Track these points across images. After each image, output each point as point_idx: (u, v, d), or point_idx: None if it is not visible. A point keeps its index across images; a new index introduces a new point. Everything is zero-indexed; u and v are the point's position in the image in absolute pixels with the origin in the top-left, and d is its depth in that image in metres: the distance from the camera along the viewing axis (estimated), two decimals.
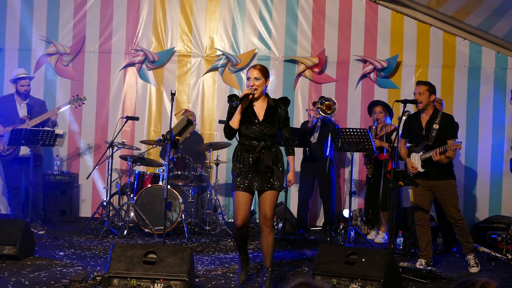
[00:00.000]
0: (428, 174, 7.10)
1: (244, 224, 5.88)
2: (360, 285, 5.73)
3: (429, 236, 7.26)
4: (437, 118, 7.06)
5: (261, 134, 5.84)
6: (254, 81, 5.84)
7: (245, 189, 5.85)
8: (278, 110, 5.93)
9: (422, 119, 7.17)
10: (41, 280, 6.06)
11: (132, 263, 5.62)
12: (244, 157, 5.85)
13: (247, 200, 5.89)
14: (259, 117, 5.86)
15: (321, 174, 9.28)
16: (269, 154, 5.84)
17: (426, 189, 7.15)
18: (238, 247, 6.18)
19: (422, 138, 7.12)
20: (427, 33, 10.31)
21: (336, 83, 10.40)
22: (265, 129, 5.84)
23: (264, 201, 5.90)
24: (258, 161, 5.80)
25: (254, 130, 5.83)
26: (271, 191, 5.87)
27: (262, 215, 5.92)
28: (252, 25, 10.44)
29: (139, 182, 9.13)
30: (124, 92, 10.46)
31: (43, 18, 10.41)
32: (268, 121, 5.87)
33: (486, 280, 2.54)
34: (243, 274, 6.15)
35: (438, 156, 6.90)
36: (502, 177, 10.18)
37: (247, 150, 5.85)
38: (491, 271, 7.21)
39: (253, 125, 5.84)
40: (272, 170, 5.84)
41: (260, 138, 5.84)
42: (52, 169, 10.02)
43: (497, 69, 10.21)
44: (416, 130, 7.21)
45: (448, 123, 7.09)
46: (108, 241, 8.30)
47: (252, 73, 5.87)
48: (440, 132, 6.98)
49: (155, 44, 10.46)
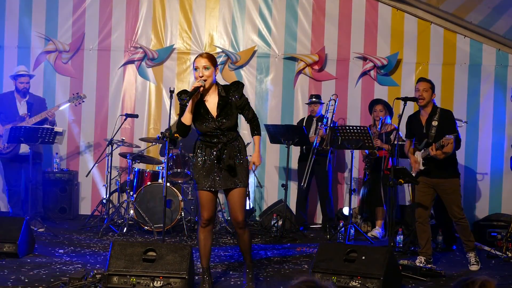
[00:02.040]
0: (431, 172, 7.08)
1: (209, 219, 5.67)
2: (360, 283, 5.73)
3: (429, 234, 7.25)
4: (436, 115, 7.06)
5: (218, 129, 5.54)
6: (204, 70, 5.46)
7: (209, 189, 5.62)
8: (231, 99, 5.60)
9: (422, 117, 7.17)
10: (41, 277, 6.06)
11: (132, 260, 5.61)
12: (205, 153, 5.60)
13: (211, 199, 5.66)
14: (212, 113, 5.53)
15: (319, 171, 9.28)
16: (230, 151, 5.56)
17: (428, 186, 7.14)
18: (202, 251, 5.77)
19: (423, 136, 7.11)
20: (427, 31, 10.29)
21: (336, 81, 10.38)
22: (222, 125, 5.54)
23: (232, 203, 5.67)
24: (219, 159, 5.54)
25: (210, 127, 5.53)
26: (237, 190, 5.62)
27: (233, 218, 5.69)
28: (252, 23, 10.43)
29: (139, 180, 9.12)
30: (124, 90, 10.45)
31: (42, 16, 10.40)
32: (223, 115, 5.54)
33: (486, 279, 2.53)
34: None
35: (434, 151, 6.89)
36: (502, 175, 10.17)
37: (208, 146, 5.60)
38: (491, 269, 7.20)
39: (208, 122, 5.53)
40: (234, 168, 5.57)
41: (218, 134, 5.56)
42: (52, 167, 10.01)
43: (498, 67, 10.20)
44: (417, 128, 7.21)
45: (447, 118, 7.07)
46: (107, 238, 8.29)
47: (200, 62, 5.48)
48: (440, 129, 6.96)
49: (154, 42, 10.45)
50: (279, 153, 10.27)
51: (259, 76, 10.39)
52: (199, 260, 5.90)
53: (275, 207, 9.59)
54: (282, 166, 10.20)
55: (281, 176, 10.25)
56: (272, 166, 10.36)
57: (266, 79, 10.40)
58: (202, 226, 5.72)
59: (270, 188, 10.35)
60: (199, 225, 5.81)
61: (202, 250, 5.78)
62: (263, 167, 10.30)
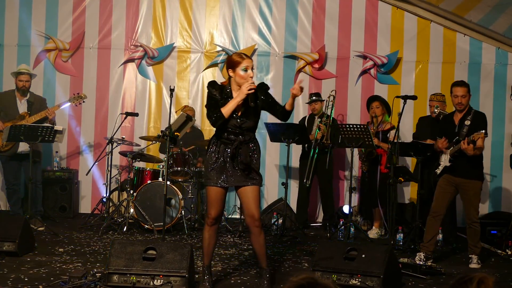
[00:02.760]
0: (456, 170, 7.07)
1: (217, 218, 5.66)
2: (360, 281, 5.74)
3: (437, 231, 7.27)
4: (470, 115, 7.07)
5: (239, 128, 5.56)
6: (252, 72, 5.57)
7: (220, 185, 5.59)
8: (257, 101, 5.61)
9: (455, 117, 7.18)
10: (41, 276, 6.06)
11: (132, 259, 5.62)
12: (220, 149, 5.58)
13: (220, 196, 5.64)
14: (238, 111, 5.55)
15: (320, 170, 9.29)
16: (246, 150, 5.56)
17: (451, 185, 7.13)
18: (205, 249, 5.75)
19: (454, 135, 7.09)
20: (427, 29, 10.30)
21: (336, 79, 10.39)
22: (243, 123, 5.56)
23: (247, 199, 5.60)
24: (234, 157, 5.53)
25: (231, 124, 5.53)
26: (252, 187, 5.60)
27: (249, 215, 5.60)
28: (252, 21, 10.43)
29: (139, 178, 9.13)
30: (124, 88, 10.45)
31: (42, 14, 10.40)
32: (246, 115, 5.57)
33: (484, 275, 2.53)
34: None
35: (465, 145, 6.85)
36: (502, 173, 10.18)
37: (223, 143, 5.58)
38: (490, 267, 7.21)
39: (231, 119, 5.52)
40: (249, 167, 5.56)
41: (237, 133, 5.57)
42: (52, 165, 10.01)
43: (498, 65, 10.21)
44: (450, 128, 7.20)
45: (479, 119, 7.07)
46: (107, 237, 8.29)
47: (250, 63, 5.55)
48: (472, 128, 6.95)
49: (154, 40, 10.45)
50: (279, 152, 10.28)
51: (259, 74, 10.38)
52: (199, 258, 5.90)
53: (275, 206, 9.60)
54: (282, 165, 10.20)
55: (281, 174, 10.25)
56: (272, 164, 10.37)
57: (267, 77, 10.39)
58: (208, 225, 5.67)
59: (270, 187, 10.35)
60: (204, 223, 5.77)
61: (206, 249, 5.74)
62: (263, 166, 10.27)
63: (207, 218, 5.68)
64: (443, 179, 7.19)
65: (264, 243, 5.68)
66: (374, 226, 9.08)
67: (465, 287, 2.52)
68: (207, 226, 5.68)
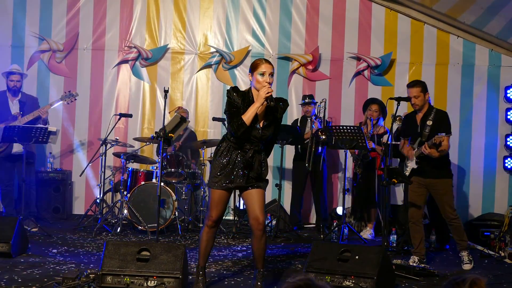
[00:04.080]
0: (424, 171, 7.10)
1: (217, 221, 5.60)
2: (353, 282, 5.74)
3: (422, 234, 7.26)
4: (431, 115, 7.08)
5: (258, 138, 5.46)
6: (270, 77, 5.40)
7: (226, 188, 5.51)
8: (276, 114, 5.53)
9: (417, 117, 7.20)
10: (34, 277, 6.04)
11: (126, 260, 5.61)
12: (232, 155, 5.47)
13: (224, 199, 5.56)
14: (260, 121, 5.46)
15: (314, 171, 9.30)
16: (259, 159, 5.51)
17: (422, 186, 7.16)
18: (202, 250, 5.69)
19: (417, 135, 7.13)
20: (421, 31, 10.32)
21: (329, 81, 10.41)
22: (263, 135, 5.48)
23: (252, 201, 5.53)
24: (249, 166, 5.46)
25: (253, 134, 5.42)
26: (257, 190, 5.53)
27: (254, 218, 5.52)
28: (246, 22, 10.44)
29: (133, 180, 9.12)
30: (118, 89, 10.45)
31: (36, 15, 10.38)
32: (267, 126, 5.49)
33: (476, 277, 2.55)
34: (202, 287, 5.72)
35: (428, 150, 6.90)
36: (495, 174, 10.21)
37: (236, 149, 5.48)
38: (484, 268, 7.22)
39: (253, 129, 5.40)
40: (260, 176, 5.53)
41: (255, 142, 5.48)
42: (45, 166, 9.99)
43: (491, 67, 10.24)
44: (412, 128, 7.23)
45: (441, 119, 7.09)
46: (101, 238, 8.28)
47: (268, 68, 5.39)
48: (434, 128, 6.98)
49: (148, 41, 10.45)
50: (273, 153, 10.25)
51: None
52: (193, 260, 5.89)
53: (269, 207, 9.59)
54: (276, 166, 10.21)
55: (275, 176, 10.25)
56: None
57: None
58: (208, 226, 5.60)
59: None
60: (204, 224, 5.70)
61: (203, 250, 5.69)
62: None
63: (208, 220, 5.60)
64: (413, 182, 7.19)
65: (265, 246, 5.64)
66: (368, 227, 9.10)
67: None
68: (207, 228, 5.61)
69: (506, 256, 7.75)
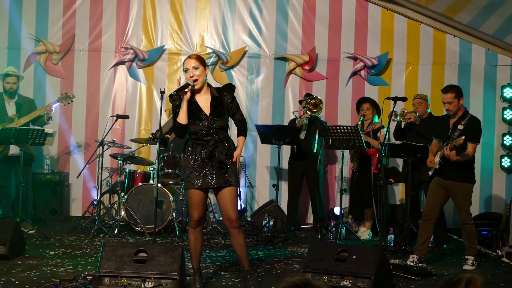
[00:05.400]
0: (445, 172, 7.09)
1: (199, 220, 5.69)
2: (351, 282, 5.74)
3: (430, 233, 7.26)
4: (464, 120, 7.04)
5: (211, 128, 5.59)
6: (194, 70, 5.54)
7: (200, 187, 5.60)
8: (224, 99, 5.68)
9: (451, 121, 7.16)
10: (32, 279, 6.04)
11: (123, 262, 5.60)
12: (197, 151, 5.61)
13: (202, 199, 5.66)
14: (205, 111, 5.59)
15: (309, 171, 9.31)
16: (222, 148, 5.60)
17: (441, 187, 7.13)
18: (192, 251, 5.79)
19: (447, 138, 7.10)
20: (417, 31, 10.34)
21: (326, 81, 10.41)
22: (214, 123, 5.59)
23: (224, 201, 5.64)
24: (211, 156, 5.55)
25: (203, 125, 5.57)
26: (229, 188, 5.62)
27: (226, 218, 5.64)
28: (242, 23, 10.44)
29: (130, 181, 9.12)
30: (114, 91, 10.44)
31: (32, 17, 10.37)
32: (216, 113, 5.61)
33: (472, 276, 2.56)
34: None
35: (448, 151, 6.87)
36: (492, 174, 10.22)
37: (199, 144, 5.61)
38: (481, 267, 7.23)
39: (201, 120, 5.58)
40: (226, 165, 5.60)
41: (211, 133, 5.60)
42: (43, 168, 9.97)
43: (487, 66, 10.25)
44: (444, 130, 7.20)
45: (473, 125, 7.04)
46: (98, 240, 8.27)
47: (189, 63, 5.57)
48: (463, 133, 6.92)
49: (145, 42, 10.44)
50: (270, 153, 10.28)
51: (249, 76, 10.40)
52: (190, 261, 5.89)
53: (267, 208, 9.60)
54: (273, 166, 10.21)
55: (272, 176, 10.25)
56: (263, 166, 10.37)
57: (257, 79, 10.41)
58: (192, 227, 5.71)
59: (261, 189, 10.35)
60: (189, 226, 5.80)
61: (193, 251, 5.77)
62: (254, 168, 10.32)
63: (190, 221, 5.72)
64: (434, 181, 7.21)
65: (244, 244, 5.71)
66: (366, 227, 9.09)
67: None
68: (191, 229, 5.72)
69: (503, 255, 7.76)
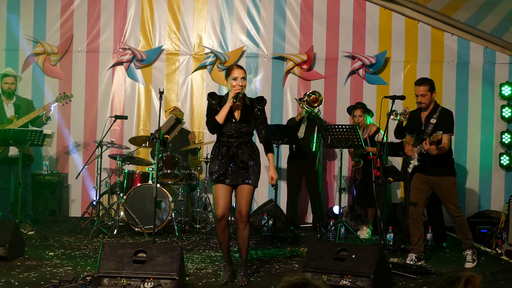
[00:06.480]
0: (427, 169, 7.09)
1: (224, 216, 6.02)
2: (350, 281, 5.75)
3: (422, 231, 7.26)
4: (436, 113, 7.06)
5: (238, 132, 6.06)
6: (242, 80, 6.05)
7: (223, 182, 6.04)
8: (254, 109, 6.15)
9: (422, 114, 7.18)
10: (31, 280, 6.03)
11: (122, 262, 5.60)
12: (222, 152, 6.07)
13: (225, 192, 6.05)
14: (236, 116, 6.10)
15: (308, 170, 9.30)
16: (245, 150, 6.07)
17: (424, 184, 7.15)
18: (221, 246, 6.27)
19: (420, 133, 7.12)
20: (415, 29, 10.34)
21: (325, 80, 10.41)
22: (241, 128, 6.08)
23: (240, 196, 6.07)
24: (235, 156, 6.03)
25: (231, 128, 6.06)
26: (246, 186, 6.05)
27: (238, 210, 6.08)
28: (240, 23, 10.43)
29: (129, 181, 9.11)
30: (113, 91, 10.43)
31: (30, 18, 10.36)
32: (245, 121, 6.10)
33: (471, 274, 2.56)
34: (225, 276, 6.17)
35: (427, 146, 6.88)
36: (491, 172, 10.23)
37: (224, 146, 6.09)
38: (480, 265, 7.23)
39: (230, 123, 6.07)
40: (247, 165, 6.05)
41: (237, 136, 6.07)
42: (41, 169, 9.97)
43: (485, 64, 10.25)
44: (416, 125, 7.21)
45: (445, 118, 7.06)
46: (98, 240, 8.27)
47: (240, 73, 6.07)
48: (437, 127, 6.95)
49: (143, 43, 10.44)
50: None
51: (248, 76, 10.35)
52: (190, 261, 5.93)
53: (266, 207, 9.60)
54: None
55: None
56: (262, 165, 10.31)
57: (255, 79, 10.41)
58: (217, 221, 6.09)
59: (260, 188, 10.29)
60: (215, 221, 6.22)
61: (221, 243, 6.23)
62: None
63: (215, 215, 6.12)
64: (415, 179, 7.19)
65: (248, 237, 6.15)
66: (365, 227, 9.09)
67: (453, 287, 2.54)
68: (217, 223, 6.12)
69: (502, 253, 7.77)
